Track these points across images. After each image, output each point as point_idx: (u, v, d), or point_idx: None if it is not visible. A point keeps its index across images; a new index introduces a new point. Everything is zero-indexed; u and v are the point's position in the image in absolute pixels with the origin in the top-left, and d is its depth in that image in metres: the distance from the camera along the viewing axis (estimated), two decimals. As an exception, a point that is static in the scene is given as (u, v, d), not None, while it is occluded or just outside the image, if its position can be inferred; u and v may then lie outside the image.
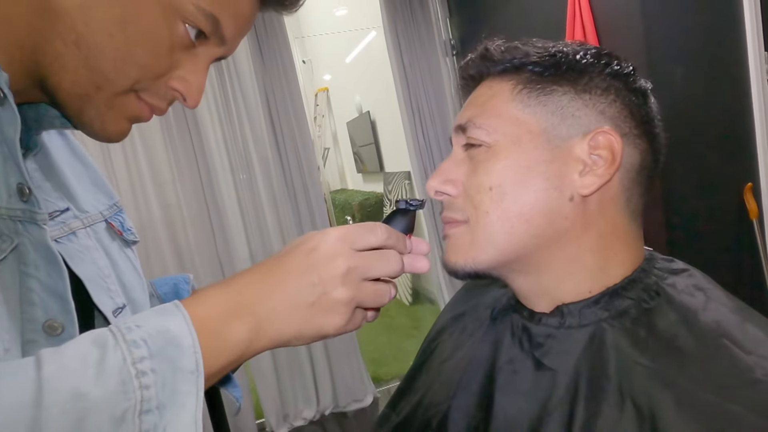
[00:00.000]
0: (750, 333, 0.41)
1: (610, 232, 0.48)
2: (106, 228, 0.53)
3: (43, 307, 0.40)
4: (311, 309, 0.40)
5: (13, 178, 0.40)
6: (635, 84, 0.48)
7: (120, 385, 0.32)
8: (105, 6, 0.40)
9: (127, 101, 0.44)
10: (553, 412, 0.43)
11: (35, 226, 0.41)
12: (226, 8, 0.43)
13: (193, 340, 0.35)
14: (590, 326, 0.46)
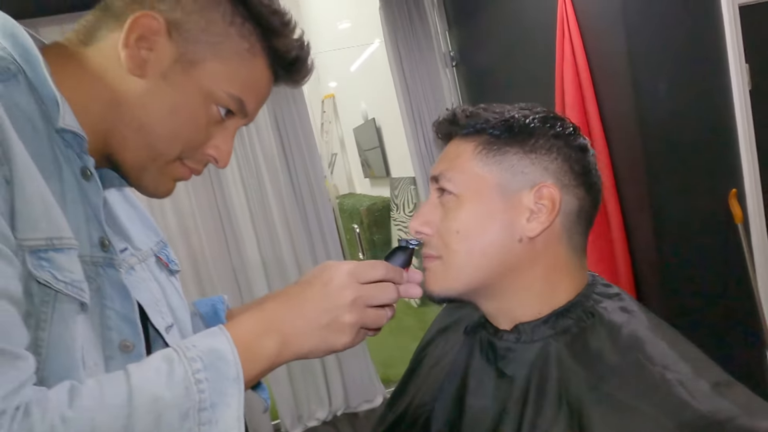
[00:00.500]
0: (659, 347, 0.51)
1: (554, 264, 0.58)
2: (155, 261, 0.65)
3: (118, 330, 0.51)
4: (325, 330, 0.52)
5: (96, 233, 0.51)
6: (575, 142, 0.58)
7: (184, 390, 0.44)
8: (160, 99, 0.52)
9: (174, 167, 0.57)
10: (510, 410, 0.54)
11: (113, 269, 0.52)
12: (249, 91, 0.56)
13: (234, 355, 0.47)
14: (540, 341, 0.56)
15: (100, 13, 0.54)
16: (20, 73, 0.48)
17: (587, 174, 0.59)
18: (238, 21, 0.54)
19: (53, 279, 0.44)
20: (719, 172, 1.71)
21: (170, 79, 0.52)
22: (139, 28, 0.51)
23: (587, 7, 1.70)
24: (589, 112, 1.74)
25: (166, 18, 0.52)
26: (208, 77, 0.53)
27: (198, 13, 0.53)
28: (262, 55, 0.56)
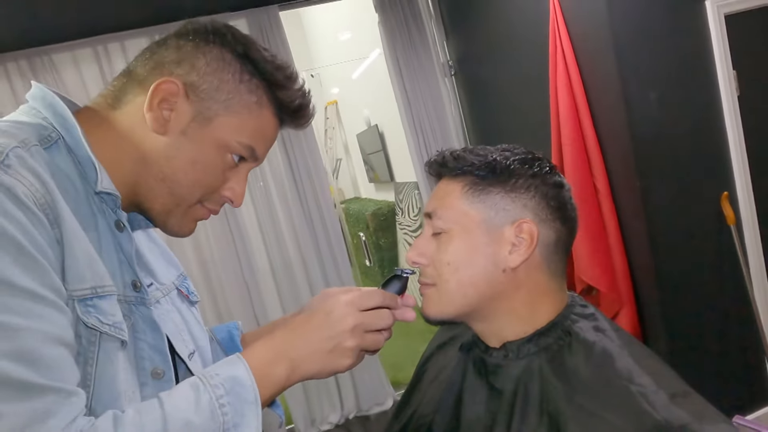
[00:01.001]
0: (625, 362, 0.58)
1: (536, 290, 0.65)
2: (177, 293, 0.71)
3: (150, 359, 0.58)
4: (329, 354, 0.58)
5: (128, 276, 0.59)
6: (551, 180, 0.65)
7: (210, 414, 0.51)
8: (181, 153, 0.60)
9: (195, 210, 0.64)
10: (500, 421, 0.61)
11: (144, 306, 0.60)
12: (258, 138, 0.63)
13: (251, 381, 0.54)
14: (525, 358, 0.63)
15: (124, 80, 0.61)
16: (60, 139, 0.55)
17: (563, 208, 0.65)
18: (246, 78, 0.61)
19: (99, 323, 0.52)
20: (710, 176, 1.77)
21: (189, 135, 0.59)
22: (160, 93, 0.58)
23: (577, 20, 1.76)
24: (583, 121, 1.80)
25: (184, 81, 0.59)
26: (222, 130, 0.60)
27: (211, 75, 0.59)
28: (268, 106, 0.62)
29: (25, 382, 0.43)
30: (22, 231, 0.46)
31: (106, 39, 2.36)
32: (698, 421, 0.52)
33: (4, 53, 2.25)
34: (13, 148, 0.49)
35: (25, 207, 0.47)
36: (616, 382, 0.57)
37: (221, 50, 0.60)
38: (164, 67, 0.59)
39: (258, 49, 0.62)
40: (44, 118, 0.56)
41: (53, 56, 2.31)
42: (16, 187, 0.47)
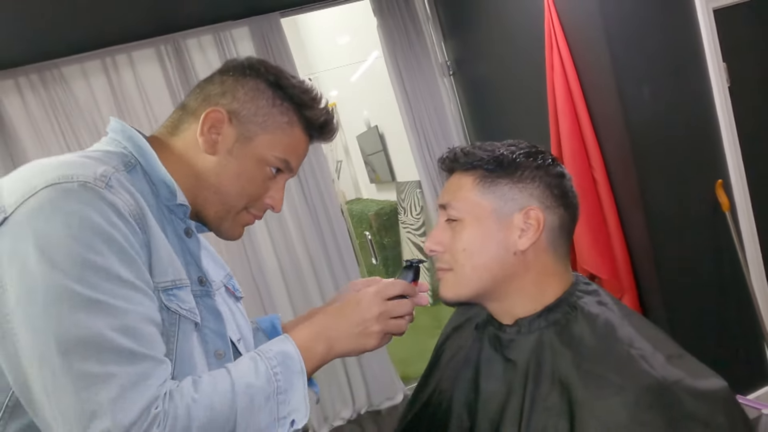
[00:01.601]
0: (626, 330, 0.65)
1: (543, 270, 0.72)
2: (225, 290, 0.83)
3: (213, 342, 0.70)
4: (359, 336, 0.70)
5: (195, 273, 0.71)
6: (553, 170, 0.72)
7: (266, 379, 0.62)
8: (228, 169, 0.72)
9: (242, 216, 0.76)
10: (515, 389, 0.68)
11: (208, 298, 0.72)
12: (291, 152, 0.75)
13: (298, 355, 0.66)
14: (536, 332, 0.70)
15: (180, 112, 0.75)
16: (138, 165, 0.68)
17: (565, 196, 0.72)
18: (278, 102, 0.73)
19: (178, 308, 0.64)
20: (705, 164, 1.83)
21: (234, 153, 0.72)
22: (209, 120, 0.70)
23: (571, 18, 1.83)
24: (580, 116, 1.87)
25: (227, 109, 0.71)
26: (260, 147, 0.72)
27: (249, 102, 0.72)
28: (298, 124, 0.75)
29: (131, 351, 0.55)
30: (124, 237, 0.58)
31: (113, 51, 2.42)
32: (692, 377, 0.59)
33: (15, 68, 2.32)
34: (113, 174, 0.61)
35: (124, 218, 0.59)
36: (618, 347, 0.63)
37: (256, 81, 0.73)
38: (211, 99, 0.72)
39: (287, 77, 0.74)
40: (124, 147, 0.70)
41: (63, 69, 2.37)
42: (118, 203, 0.59)
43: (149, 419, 0.53)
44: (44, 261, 0.53)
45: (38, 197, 0.55)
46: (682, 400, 0.58)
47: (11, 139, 2.32)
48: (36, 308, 0.53)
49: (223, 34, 2.54)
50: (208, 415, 0.56)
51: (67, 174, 0.57)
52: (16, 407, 0.57)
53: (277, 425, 0.61)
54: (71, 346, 0.52)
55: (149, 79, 2.48)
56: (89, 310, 0.53)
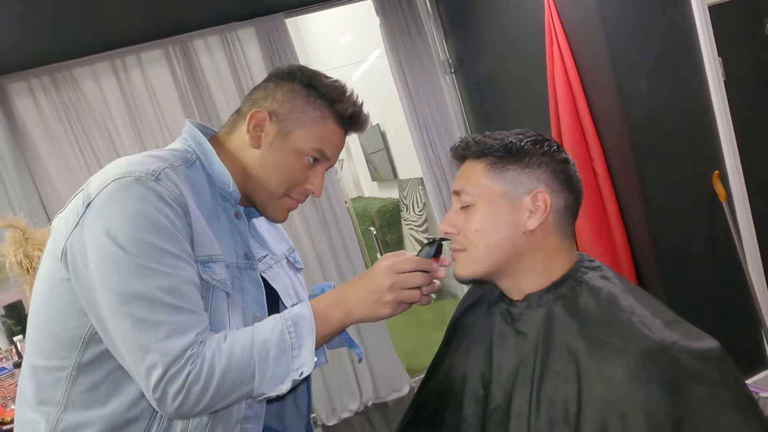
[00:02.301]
0: (628, 300, 0.71)
1: (551, 249, 0.77)
2: (286, 262, 0.98)
3: (251, 308, 0.83)
4: (374, 305, 0.78)
5: (242, 249, 0.84)
6: (558, 157, 0.78)
7: (281, 336, 0.74)
8: (270, 161, 0.84)
9: (284, 201, 0.87)
10: (527, 358, 0.74)
11: (252, 270, 0.85)
12: (326, 143, 0.85)
13: (311, 318, 0.76)
14: (544, 306, 0.76)
15: (236, 116, 0.88)
16: (198, 160, 0.83)
17: (569, 180, 0.78)
18: (312, 99, 0.84)
19: (211, 279, 0.76)
20: (702, 156, 1.89)
21: (274, 146, 0.84)
22: (253, 120, 0.84)
23: (571, 15, 1.88)
24: (581, 111, 1.92)
25: (268, 110, 0.84)
26: (297, 140, 0.83)
27: (287, 102, 0.84)
28: (330, 118, 0.85)
29: (175, 305, 0.70)
30: (167, 218, 0.71)
31: (122, 53, 2.47)
32: (687, 339, 0.65)
33: (27, 70, 2.37)
34: (163, 170, 0.75)
35: (169, 204, 0.72)
36: (620, 315, 0.69)
37: (292, 84, 0.85)
38: (257, 102, 0.86)
39: (320, 78, 0.85)
40: (189, 145, 0.85)
41: (74, 71, 2.42)
42: (163, 193, 0.72)
43: (185, 357, 0.68)
44: (109, 237, 0.69)
45: (108, 188, 0.71)
46: (679, 359, 0.63)
47: (24, 139, 2.38)
48: (106, 271, 0.69)
49: (229, 35, 2.59)
50: (229, 360, 0.70)
51: (128, 170, 0.73)
52: (92, 339, 0.74)
53: (291, 374, 0.74)
54: (131, 299, 0.68)
55: (158, 80, 2.53)
56: (142, 274, 0.68)
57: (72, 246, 0.72)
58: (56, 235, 0.75)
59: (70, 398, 0.75)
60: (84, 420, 0.74)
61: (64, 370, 0.74)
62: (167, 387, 0.67)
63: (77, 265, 0.71)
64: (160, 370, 0.67)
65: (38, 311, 0.77)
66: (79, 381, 0.74)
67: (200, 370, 0.68)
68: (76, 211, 0.73)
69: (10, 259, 1.83)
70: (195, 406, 0.69)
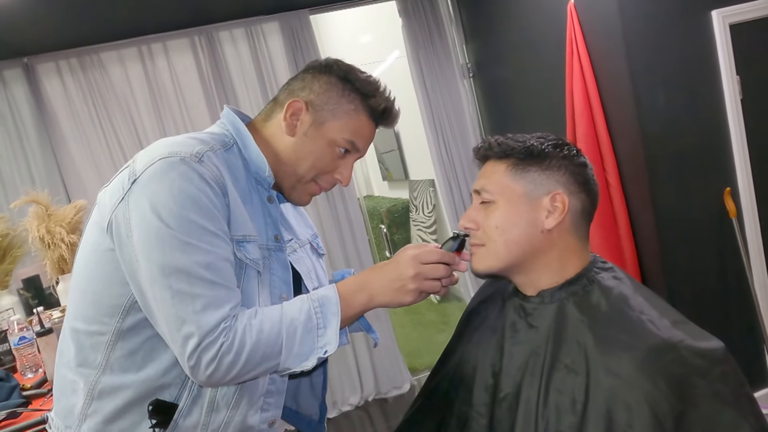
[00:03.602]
0: (637, 300, 0.74)
1: (565, 248, 0.81)
2: (310, 247, 1.01)
3: (279, 288, 0.86)
4: (397, 292, 0.81)
5: (272, 232, 0.87)
6: (577, 160, 0.81)
7: (307, 316, 0.78)
8: (302, 148, 0.87)
9: (310, 185, 0.91)
10: (537, 350, 0.77)
11: (281, 252, 0.88)
12: (357, 135, 0.88)
13: (337, 300, 0.80)
14: (557, 302, 0.79)
15: (273, 104, 0.91)
16: (235, 144, 0.86)
17: (587, 183, 0.81)
18: (347, 93, 0.87)
19: (245, 257, 0.80)
20: (714, 172, 1.91)
21: (308, 135, 0.87)
22: (291, 109, 0.87)
23: (592, 26, 1.91)
24: (597, 121, 1.95)
25: (305, 100, 0.87)
26: (330, 131, 0.87)
27: (323, 94, 0.87)
28: (363, 111, 0.88)
29: (212, 280, 0.73)
30: (208, 198, 0.75)
31: (149, 39, 2.53)
32: (693, 338, 0.68)
33: (56, 51, 2.43)
34: (206, 152, 0.79)
35: (210, 185, 0.76)
36: (630, 313, 0.73)
37: (329, 76, 0.88)
38: (294, 92, 0.89)
39: (356, 73, 0.88)
40: (227, 130, 0.88)
41: (101, 55, 2.48)
42: (206, 173, 0.76)
43: (219, 329, 0.72)
44: (154, 213, 0.73)
45: (154, 166, 0.75)
46: (684, 357, 0.66)
47: (49, 118, 2.43)
48: (149, 245, 0.73)
49: (254, 28, 2.64)
50: (258, 336, 0.74)
51: (174, 151, 0.76)
52: (132, 308, 0.77)
53: (316, 352, 0.77)
54: (171, 272, 0.72)
55: (182, 68, 2.59)
56: (182, 249, 0.72)
57: (117, 219, 0.75)
58: (102, 208, 0.78)
59: (108, 362, 0.79)
60: (121, 383, 0.79)
61: (104, 335, 0.78)
62: (201, 356, 0.71)
63: (122, 237, 0.74)
64: (195, 339, 0.71)
65: (82, 278, 0.81)
66: (119, 346, 0.78)
67: (232, 342, 0.72)
68: (122, 186, 0.76)
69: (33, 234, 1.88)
70: (225, 375, 0.73)
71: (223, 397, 0.81)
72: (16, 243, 2.01)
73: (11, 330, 1.55)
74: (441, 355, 0.99)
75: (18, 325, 1.54)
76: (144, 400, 0.78)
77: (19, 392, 1.36)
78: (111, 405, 0.79)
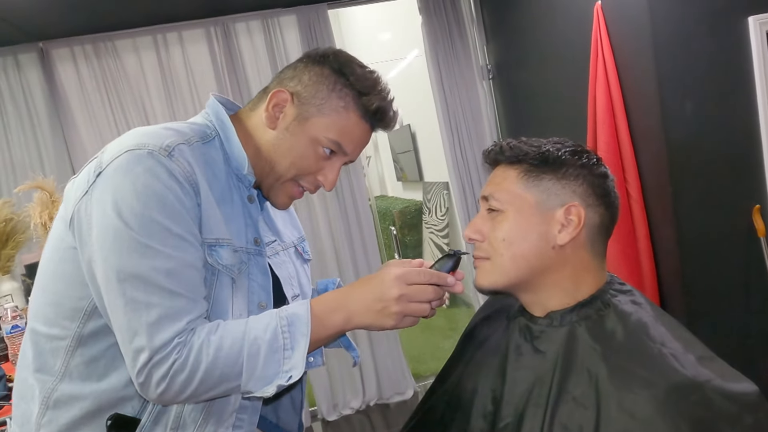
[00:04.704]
0: (659, 330, 0.66)
1: (580, 266, 0.73)
2: (294, 251, 0.92)
3: (258, 295, 0.78)
4: (378, 314, 0.72)
5: (251, 234, 0.80)
6: (597, 170, 0.73)
7: (274, 335, 0.69)
8: (282, 143, 0.79)
9: (288, 186, 0.82)
10: (543, 378, 0.69)
11: (260, 257, 0.80)
12: (345, 136, 0.80)
13: (308, 320, 0.71)
14: (567, 326, 0.71)
15: (262, 93, 0.83)
16: (217, 137, 0.79)
17: (607, 196, 0.73)
18: (339, 88, 0.78)
19: (216, 263, 0.73)
20: (743, 188, 1.80)
21: (290, 130, 0.79)
22: (275, 99, 0.79)
23: (619, 29, 1.82)
24: (620, 128, 1.86)
25: (292, 91, 0.79)
26: (314, 128, 0.78)
27: (311, 86, 0.78)
28: (354, 110, 0.79)
29: (171, 289, 0.67)
30: (176, 196, 0.68)
31: (165, 29, 2.50)
32: (722, 378, 0.60)
33: (71, 37, 2.41)
34: (178, 144, 0.71)
35: (179, 182, 0.69)
36: (650, 345, 0.64)
37: (322, 67, 0.79)
38: (283, 81, 0.81)
39: (352, 65, 0.79)
40: (210, 120, 0.80)
41: (116, 42, 2.46)
42: (175, 169, 0.69)
43: (173, 345, 0.65)
44: (114, 211, 0.66)
45: (119, 159, 0.69)
46: (711, 399, 0.58)
47: (61, 104, 2.42)
48: (106, 244, 0.67)
49: (270, 21, 2.60)
50: (216, 354, 0.67)
51: (142, 142, 0.70)
52: (94, 312, 0.71)
53: (280, 376, 0.69)
54: (126, 277, 0.65)
55: (196, 59, 2.56)
56: (142, 253, 0.66)
57: (80, 214, 0.69)
58: (67, 201, 0.72)
59: (68, 369, 0.72)
60: (79, 392, 0.72)
61: (64, 340, 0.72)
62: (152, 372, 0.65)
63: (83, 234, 0.69)
64: (146, 354, 0.65)
65: (44, 276, 0.75)
66: (79, 352, 0.72)
67: (186, 360, 0.66)
68: (87, 179, 0.70)
69: (35, 220, 1.86)
70: (178, 395, 0.67)
71: (191, 413, 0.74)
72: (20, 228, 1.99)
73: (5, 317, 1.52)
74: (439, 372, 0.92)
75: (12, 313, 1.51)
76: (103, 413, 0.72)
77: (5, 384, 1.33)
78: (67, 416, 0.72)
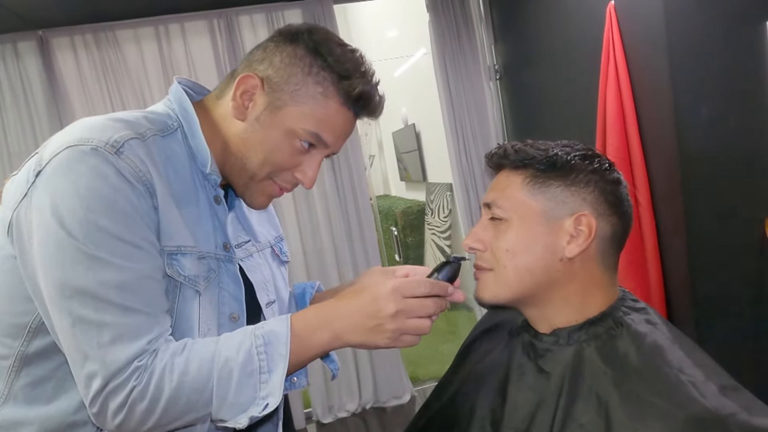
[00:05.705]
0: (676, 354, 0.60)
1: (589, 281, 0.67)
2: (270, 252, 0.83)
3: (229, 306, 0.70)
4: (370, 331, 0.64)
5: (220, 239, 0.71)
6: (610, 176, 0.68)
7: (248, 357, 0.61)
8: (253, 137, 0.69)
9: (265, 185, 0.73)
10: (547, 401, 0.64)
11: (231, 263, 0.71)
12: (324, 126, 0.69)
13: (287, 339, 0.62)
14: (575, 345, 0.66)
15: (229, 78, 0.72)
16: (179, 128, 0.69)
17: (620, 204, 0.68)
18: (315, 71, 0.68)
19: (177, 275, 0.64)
20: (757, 199, 1.74)
21: (261, 121, 0.69)
22: (242, 85, 0.68)
23: (633, 30, 1.77)
24: (630, 134, 1.80)
25: (262, 76, 0.68)
26: (288, 118, 0.68)
27: (283, 69, 0.68)
28: (335, 96, 0.68)
29: (125, 305, 0.58)
30: (127, 199, 0.59)
31: (167, 20, 2.45)
32: (747, 411, 0.54)
33: (71, 26, 2.36)
34: (128, 140, 0.62)
35: (129, 183, 0.60)
36: (666, 371, 0.59)
37: (295, 47, 0.68)
38: (251, 65, 0.70)
39: (330, 44, 0.69)
40: (173, 109, 0.70)
41: (117, 32, 2.42)
42: (124, 169, 0.60)
43: (130, 370, 0.57)
44: (54, 217, 0.58)
45: (60, 156, 0.59)
46: None
47: (60, 94, 2.38)
48: (47, 255, 0.58)
49: (275, 14, 2.55)
50: (181, 379, 0.59)
51: (86, 137, 0.60)
52: (40, 329, 0.63)
53: (255, 404, 0.61)
54: (72, 293, 0.57)
55: (198, 51, 2.51)
56: (88, 265, 0.57)
57: (19, 219, 0.60)
58: (6, 203, 0.63)
59: (11, 391, 0.64)
60: (23, 417, 0.64)
61: (6, 359, 0.64)
62: (107, 401, 0.57)
63: (23, 243, 0.60)
64: (99, 381, 0.57)
65: None
66: (24, 373, 0.64)
67: (147, 386, 0.57)
68: (27, 178, 0.61)
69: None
70: (139, 425, 0.59)
71: None
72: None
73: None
74: (436, 385, 0.87)
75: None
76: None
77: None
78: None
